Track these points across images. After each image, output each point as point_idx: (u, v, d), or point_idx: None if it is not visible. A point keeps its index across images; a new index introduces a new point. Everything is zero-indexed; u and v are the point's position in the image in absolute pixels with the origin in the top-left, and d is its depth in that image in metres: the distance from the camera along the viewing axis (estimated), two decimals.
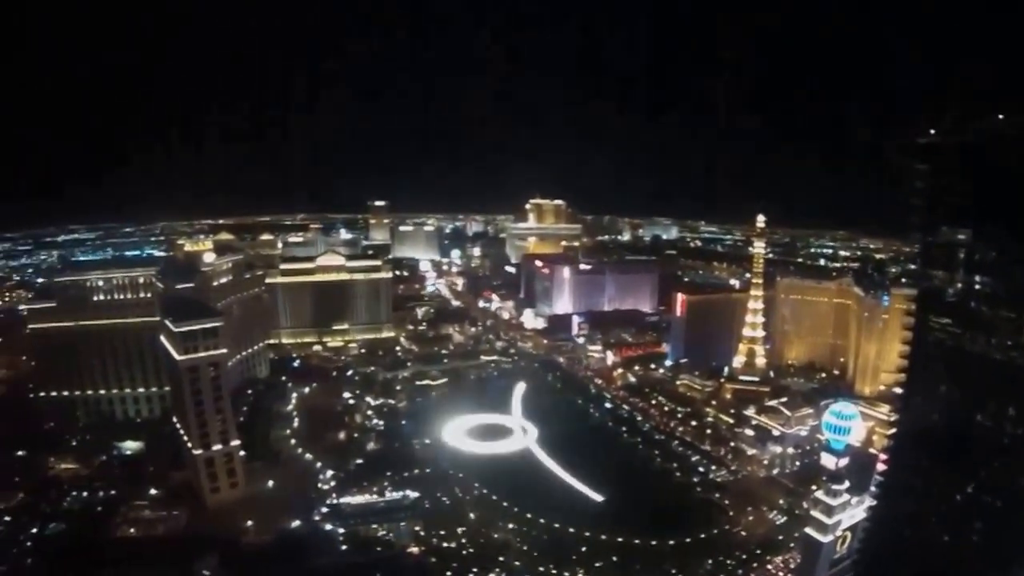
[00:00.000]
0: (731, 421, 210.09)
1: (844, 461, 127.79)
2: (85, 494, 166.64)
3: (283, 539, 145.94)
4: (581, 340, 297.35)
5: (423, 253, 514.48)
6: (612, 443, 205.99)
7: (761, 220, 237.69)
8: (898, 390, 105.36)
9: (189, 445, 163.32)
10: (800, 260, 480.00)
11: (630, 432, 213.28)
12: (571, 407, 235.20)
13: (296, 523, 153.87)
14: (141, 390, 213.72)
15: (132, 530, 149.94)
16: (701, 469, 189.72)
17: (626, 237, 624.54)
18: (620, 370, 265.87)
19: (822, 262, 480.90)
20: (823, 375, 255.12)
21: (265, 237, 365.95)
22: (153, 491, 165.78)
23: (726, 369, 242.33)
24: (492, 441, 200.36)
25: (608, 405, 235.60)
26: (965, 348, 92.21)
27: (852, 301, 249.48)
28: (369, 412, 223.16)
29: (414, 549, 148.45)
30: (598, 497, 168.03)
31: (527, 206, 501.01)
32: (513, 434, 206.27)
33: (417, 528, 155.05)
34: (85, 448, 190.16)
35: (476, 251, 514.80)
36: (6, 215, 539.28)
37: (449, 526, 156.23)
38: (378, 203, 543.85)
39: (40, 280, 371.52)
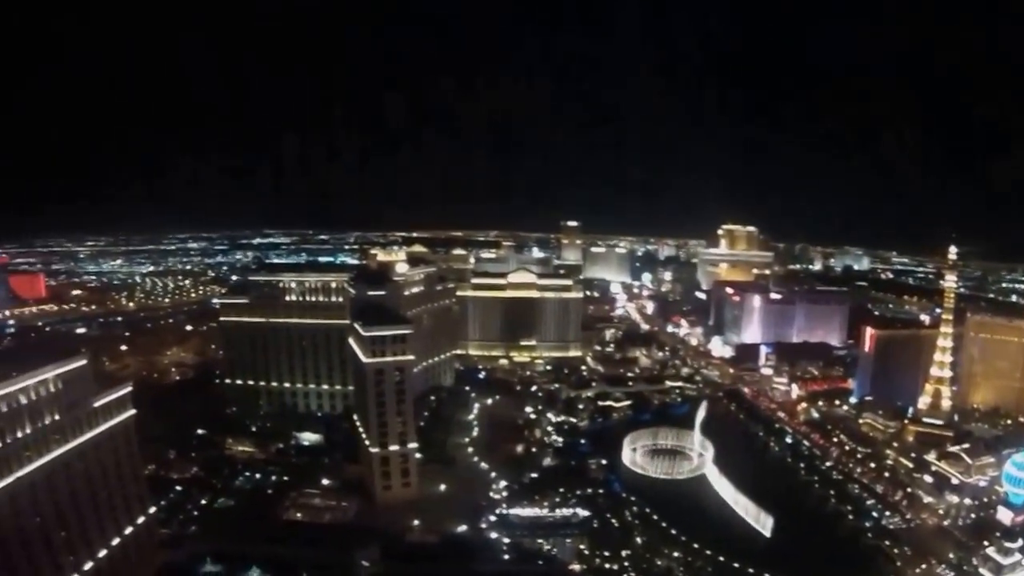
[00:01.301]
0: (910, 465, 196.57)
1: (1021, 517, 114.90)
2: (258, 476, 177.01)
3: (447, 541, 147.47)
4: (768, 371, 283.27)
5: (614, 275, 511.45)
6: (788, 479, 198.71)
7: (953, 252, 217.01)
8: None
9: (367, 443, 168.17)
10: (991, 296, 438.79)
11: (808, 470, 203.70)
12: (751, 439, 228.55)
13: (462, 528, 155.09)
14: (325, 387, 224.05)
15: (299, 515, 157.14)
16: (875, 514, 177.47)
17: (817, 266, 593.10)
18: (804, 404, 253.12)
19: (1014, 298, 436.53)
20: (1008, 422, 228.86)
21: (458, 252, 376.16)
22: (326, 481, 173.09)
23: (910, 409, 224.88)
24: (668, 466, 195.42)
25: (788, 440, 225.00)
26: None
27: None
28: (549, 428, 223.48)
29: (576, 567, 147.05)
30: (766, 532, 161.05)
31: (719, 232, 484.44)
32: (690, 462, 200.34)
33: (582, 547, 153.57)
34: (264, 434, 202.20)
35: (667, 275, 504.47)
36: (208, 217, 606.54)
37: (614, 548, 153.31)
38: (571, 223, 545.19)
39: (234, 277, 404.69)
